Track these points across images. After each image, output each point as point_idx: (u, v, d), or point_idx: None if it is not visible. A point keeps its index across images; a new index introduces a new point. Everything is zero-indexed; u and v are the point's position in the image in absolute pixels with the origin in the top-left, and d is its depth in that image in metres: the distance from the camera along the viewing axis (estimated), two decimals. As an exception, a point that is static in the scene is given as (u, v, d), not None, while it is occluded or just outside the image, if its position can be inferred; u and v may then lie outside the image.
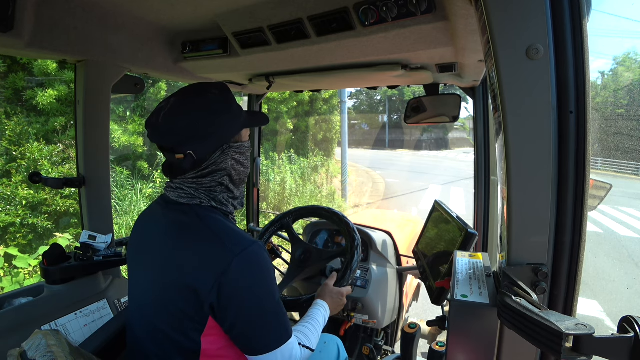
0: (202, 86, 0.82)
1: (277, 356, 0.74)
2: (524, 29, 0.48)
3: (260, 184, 2.00)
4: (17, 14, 0.84)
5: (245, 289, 0.72)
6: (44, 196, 3.72)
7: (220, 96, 0.81)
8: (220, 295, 0.70)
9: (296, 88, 1.68)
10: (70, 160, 3.95)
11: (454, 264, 0.71)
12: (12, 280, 3.06)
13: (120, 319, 1.04)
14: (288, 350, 0.76)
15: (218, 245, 0.73)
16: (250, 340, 0.74)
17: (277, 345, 0.74)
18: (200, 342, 0.74)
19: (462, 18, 0.73)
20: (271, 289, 0.76)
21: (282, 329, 0.76)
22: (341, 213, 1.28)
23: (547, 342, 0.41)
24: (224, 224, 0.79)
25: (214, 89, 0.82)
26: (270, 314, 0.75)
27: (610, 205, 6.99)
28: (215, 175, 0.81)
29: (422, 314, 2.89)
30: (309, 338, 0.87)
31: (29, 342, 0.66)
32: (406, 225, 2.68)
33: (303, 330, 0.89)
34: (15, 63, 3.82)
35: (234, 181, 0.85)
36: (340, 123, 8.61)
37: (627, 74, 14.80)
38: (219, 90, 0.82)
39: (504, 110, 0.50)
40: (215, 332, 0.74)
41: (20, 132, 3.71)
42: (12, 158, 3.68)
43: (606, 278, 3.98)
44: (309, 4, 0.86)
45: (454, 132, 28.93)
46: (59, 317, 1.05)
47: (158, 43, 1.21)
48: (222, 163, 0.81)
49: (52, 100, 3.84)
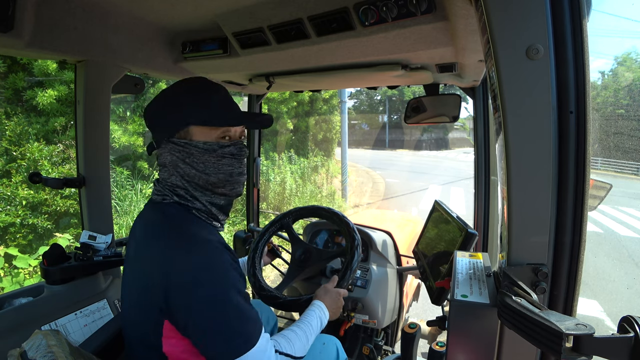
0: (186, 79, 0.83)
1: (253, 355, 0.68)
2: (524, 29, 0.48)
3: (260, 184, 2.00)
4: (17, 14, 0.84)
5: (191, 290, 0.67)
6: (44, 196, 3.72)
7: (181, 88, 0.80)
8: (167, 296, 0.68)
9: (296, 88, 1.68)
10: (70, 160, 3.95)
11: (454, 264, 0.71)
12: (12, 280, 3.06)
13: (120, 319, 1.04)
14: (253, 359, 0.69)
15: (168, 244, 0.71)
16: (206, 346, 0.69)
17: (236, 354, 0.67)
18: (162, 344, 0.72)
19: (462, 18, 0.73)
20: (222, 291, 0.69)
21: (242, 336, 0.69)
22: (341, 213, 1.28)
23: (547, 342, 0.41)
24: (181, 221, 0.75)
25: (185, 82, 0.81)
26: (223, 318, 0.68)
27: (610, 205, 6.99)
28: (164, 172, 0.81)
29: (422, 314, 2.89)
30: (292, 344, 0.81)
31: (29, 342, 0.66)
32: (406, 225, 2.68)
33: (288, 335, 0.83)
34: (15, 63, 3.82)
35: (190, 183, 0.79)
36: (340, 123, 8.61)
37: (628, 74, 14.80)
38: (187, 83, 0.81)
39: (504, 110, 0.50)
40: (173, 335, 0.72)
41: (20, 132, 3.71)
42: (12, 158, 3.68)
43: (606, 278, 3.97)
44: (309, 4, 0.86)
45: (454, 132, 28.93)
46: (59, 317, 1.05)
47: (158, 43, 1.21)
48: (162, 158, 0.80)
49: (52, 100, 3.84)
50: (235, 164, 0.82)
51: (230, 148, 0.80)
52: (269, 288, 1.16)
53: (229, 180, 0.82)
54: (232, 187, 0.83)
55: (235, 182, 0.83)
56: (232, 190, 0.84)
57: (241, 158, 0.83)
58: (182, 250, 0.70)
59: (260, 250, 1.30)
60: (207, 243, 0.72)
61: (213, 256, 0.71)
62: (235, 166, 0.82)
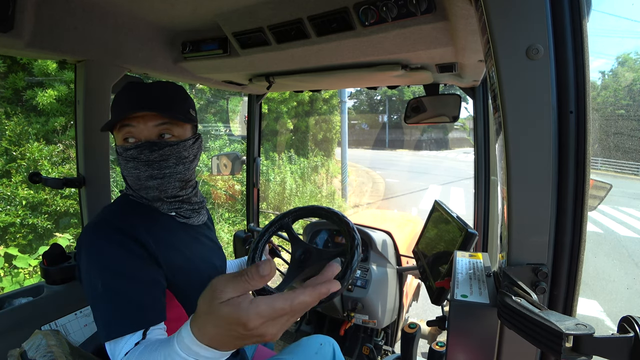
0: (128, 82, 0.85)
1: (108, 349, 0.65)
2: (524, 29, 0.48)
3: (260, 184, 2.00)
4: (17, 14, 0.84)
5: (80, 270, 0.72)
6: (44, 196, 3.72)
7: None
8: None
9: (296, 88, 1.68)
10: (70, 160, 3.95)
11: (454, 264, 0.71)
12: (12, 280, 3.06)
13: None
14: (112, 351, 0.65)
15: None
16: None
17: (103, 338, 0.65)
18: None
19: (462, 18, 0.73)
20: (93, 275, 0.68)
21: (106, 323, 0.65)
22: (341, 213, 1.28)
23: (547, 342, 0.41)
24: (107, 207, 0.81)
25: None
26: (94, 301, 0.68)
27: (610, 205, 6.99)
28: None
29: (422, 314, 2.89)
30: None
31: (29, 342, 0.66)
32: (406, 225, 2.68)
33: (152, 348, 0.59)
34: (15, 63, 3.82)
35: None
36: (340, 123, 8.61)
37: (628, 74, 14.81)
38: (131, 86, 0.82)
39: (504, 110, 0.50)
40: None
41: (20, 132, 3.71)
42: (12, 158, 3.68)
43: (606, 278, 3.97)
44: (309, 4, 0.86)
45: (454, 132, 28.93)
46: (59, 317, 1.05)
47: (158, 43, 1.21)
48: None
49: (52, 100, 3.84)
50: (141, 167, 0.76)
51: (131, 151, 0.76)
52: (268, 288, 1.16)
53: (139, 185, 0.79)
54: (146, 191, 0.79)
55: (145, 186, 0.78)
56: (147, 194, 0.80)
57: (148, 161, 0.76)
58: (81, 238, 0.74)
59: (260, 250, 1.30)
60: (90, 225, 0.74)
61: (89, 237, 0.72)
62: (142, 170, 0.76)
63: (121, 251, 0.70)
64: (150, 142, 0.77)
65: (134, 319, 0.66)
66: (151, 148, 0.76)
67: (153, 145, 0.77)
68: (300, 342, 1.06)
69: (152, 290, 0.72)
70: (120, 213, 0.79)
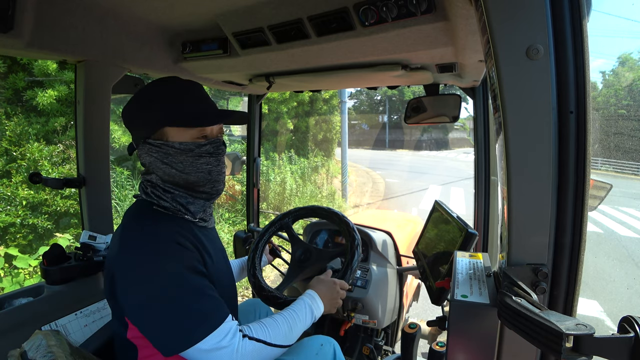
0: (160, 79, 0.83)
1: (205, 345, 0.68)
2: (524, 29, 0.48)
3: (260, 184, 2.00)
4: (17, 14, 0.84)
5: (127, 289, 0.72)
6: (44, 196, 3.72)
7: (154, 88, 0.80)
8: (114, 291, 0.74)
9: (296, 88, 1.68)
10: (70, 160, 3.95)
11: (454, 264, 0.71)
12: (12, 281, 3.06)
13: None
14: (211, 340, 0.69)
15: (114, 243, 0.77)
16: (152, 340, 0.70)
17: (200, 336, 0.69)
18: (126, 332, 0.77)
19: (462, 18, 0.73)
20: (162, 283, 0.70)
21: (201, 320, 0.69)
22: (341, 213, 1.28)
23: (547, 342, 0.41)
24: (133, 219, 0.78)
25: (159, 82, 0.82)
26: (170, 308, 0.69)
27: (610, 205, 6.99)
28: (145, 170, 0.83)
29: (422, 314, 2.89)
30: (267, 330, 0.78)
31: (29, 342, 0.66)
32: (406, 225, 2.68)
33: (265, 321, 0.80)
34: (15, 63, 3.82)
35: (166, 181, 0.80)
36: (340, 123, 8.60)
37: (629, 74, 14.81)
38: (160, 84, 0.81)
39: (504, 110, 0.50)
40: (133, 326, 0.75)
41: (20, 132, 3.71)
42: (12, 158, 3.68)
43: (606, 278, 3.97)
44: (309, 4, 0.86)
45: (454, 132, 28.94)
46: (59, 317, 1.05)
47: (158, 43, 1.21)
48: (142, 158, 0.81)
49: (52, 100, 3.84)
50: (213, 162, 0.82)
51: (207, 147, 0.80)
52: (269, 288, 1.16)
53: (208, 179, 0.82)
54: (212, 185, 0.84)
55: (214, 180, 0.83)
56: (212, 189, 0.84)
57: (219, 156, 0.83)
58: (123, 249, 0.73)
59: (260, 250, 1.30)
60: (143, 239, 0.73)
61: (148, 252, 0.71)
62: (213, 164, 0.82)
63: (186, 253, 0.74)
64: (218, 138, 0.83)
65: (224, 306, 0.73)
66: (219, 144, 0.83)
67: (220, 141, 0.84)
68: (301, 343, 1.06)
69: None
70: (164, 224, 0.78)
